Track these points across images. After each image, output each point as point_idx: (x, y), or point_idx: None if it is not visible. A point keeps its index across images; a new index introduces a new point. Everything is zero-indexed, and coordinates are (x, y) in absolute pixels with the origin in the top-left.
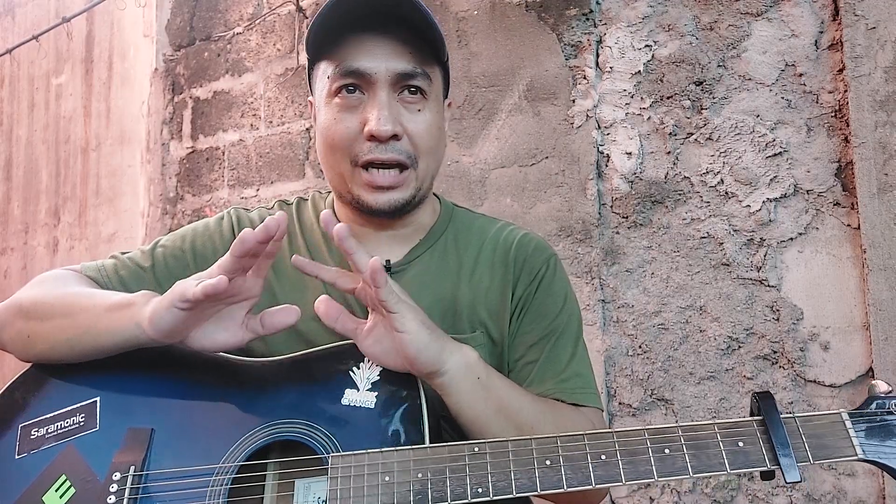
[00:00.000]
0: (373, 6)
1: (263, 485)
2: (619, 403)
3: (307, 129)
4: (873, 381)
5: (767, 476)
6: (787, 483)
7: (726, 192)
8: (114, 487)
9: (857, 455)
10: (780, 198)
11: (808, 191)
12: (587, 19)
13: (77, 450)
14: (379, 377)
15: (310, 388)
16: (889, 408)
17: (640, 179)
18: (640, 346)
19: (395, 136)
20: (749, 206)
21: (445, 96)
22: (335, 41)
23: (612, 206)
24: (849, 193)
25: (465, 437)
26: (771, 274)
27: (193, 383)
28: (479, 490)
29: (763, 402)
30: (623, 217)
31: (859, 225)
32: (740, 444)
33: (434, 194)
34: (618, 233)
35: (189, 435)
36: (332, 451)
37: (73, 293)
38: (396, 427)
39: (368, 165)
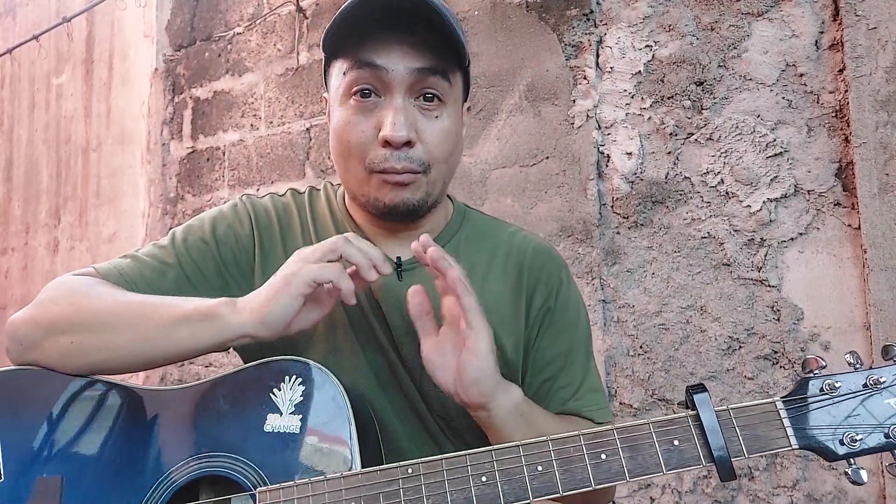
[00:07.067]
0: (393, 7)
1: None
2: (620, 404)
3: (307, 129)
4: (807, 357)
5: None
6: (722, 482)
7: (727, 193)
8: None
9: (790, 445)
10: (781, 198)
11: (808, 191)
12: (588, 19)
13: None
14: (302, 398)
15: (232, 416)
16: (822, 387)
17: (641, 179)
18: (640, 347)
19: (408, 143)
20: (749, 206)
21: (465, 101)
22: (354, 38)
23: (612, 207)
24: (849, 193)
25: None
26: (771, 274)
27: (107, 422)
28: None
29: (695, 396)
30: (624, 217)
31: (860, 225)
32: (675, 442)
33: (447, 195)
34: (618, 233)
35: (104, 479)
36: (259, 485)
37: (128, 302)
38: (324, 452)
39: (382, 173)
